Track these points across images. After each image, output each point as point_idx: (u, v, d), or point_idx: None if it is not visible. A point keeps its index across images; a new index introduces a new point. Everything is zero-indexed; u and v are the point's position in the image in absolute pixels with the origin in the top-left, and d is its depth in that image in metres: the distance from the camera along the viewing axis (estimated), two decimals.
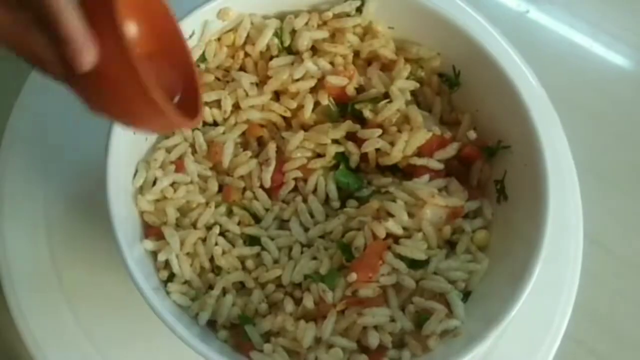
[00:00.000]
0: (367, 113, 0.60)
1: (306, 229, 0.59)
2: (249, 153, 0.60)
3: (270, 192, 0.61)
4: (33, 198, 0.62)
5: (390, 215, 0.56)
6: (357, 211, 0.58)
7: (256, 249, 0.58)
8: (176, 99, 0.47)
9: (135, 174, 0.57)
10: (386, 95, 0.61)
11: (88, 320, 0.59)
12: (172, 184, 0.58)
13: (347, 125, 0.60)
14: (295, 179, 0.60)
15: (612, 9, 0.93)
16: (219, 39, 0.62)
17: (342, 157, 0.61)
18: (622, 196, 0.84)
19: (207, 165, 0.60)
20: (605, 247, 0.78)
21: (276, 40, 0.61)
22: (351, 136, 0.61)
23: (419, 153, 0.60)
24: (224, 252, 0.57)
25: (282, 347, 0.54)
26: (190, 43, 0.59)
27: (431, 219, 0.57)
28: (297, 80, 0.61)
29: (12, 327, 0.58)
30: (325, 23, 0.62)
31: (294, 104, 0.61)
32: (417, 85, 0.62)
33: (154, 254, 0.56)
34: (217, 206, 0.59)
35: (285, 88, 0.61)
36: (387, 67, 0.64)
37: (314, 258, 0.57)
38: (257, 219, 0.60)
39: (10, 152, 0.63)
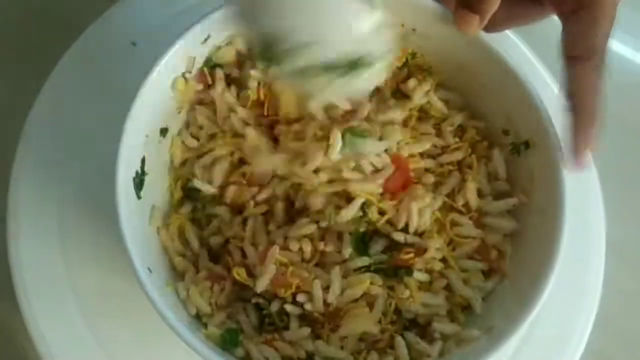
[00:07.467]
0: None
1: None
2: None
3: None
4: (47, 203, 0.62)
5: None
6: None
7: None
8: None
9: None
10: None
11: (99, 327, 0.59)
12: None
13: None
14: None
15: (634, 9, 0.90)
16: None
17: None
18: None
19: None
20: (628, 255, 0.76)
21: None
22: None
23: None
24: None
25: None
26: (205, 47, 0.57)
27: None
28: None
29: (23, 331, 0.59)
30: None
31: None
32: None
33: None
34: None
35: None
36: None
37: None
38: None
39: (26, 158, 0.63)
